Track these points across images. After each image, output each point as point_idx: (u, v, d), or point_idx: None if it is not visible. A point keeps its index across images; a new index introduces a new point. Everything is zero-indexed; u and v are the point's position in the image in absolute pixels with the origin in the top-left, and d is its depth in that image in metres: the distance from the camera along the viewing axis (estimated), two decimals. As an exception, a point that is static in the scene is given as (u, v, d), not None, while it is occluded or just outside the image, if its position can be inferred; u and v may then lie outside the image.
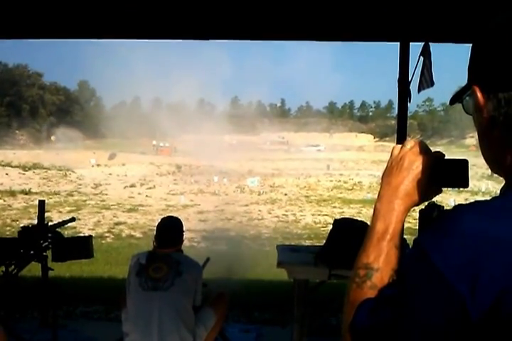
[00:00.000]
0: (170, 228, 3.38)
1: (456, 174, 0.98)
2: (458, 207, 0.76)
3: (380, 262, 0.90)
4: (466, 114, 0.88)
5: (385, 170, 0.99)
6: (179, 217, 3.67)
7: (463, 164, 0.98)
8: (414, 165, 0.95)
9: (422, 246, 0.74)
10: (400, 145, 1.01)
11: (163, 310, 2.99)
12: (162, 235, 3.30)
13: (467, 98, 0.86)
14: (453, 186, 1.00)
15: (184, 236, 3.52)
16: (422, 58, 3.15)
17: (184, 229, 3.56)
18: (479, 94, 0.79)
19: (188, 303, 3.10)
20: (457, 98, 0.89)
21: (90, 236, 4.50)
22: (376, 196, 1.00)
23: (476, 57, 0.81)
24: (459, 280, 0.69)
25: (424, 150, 0.97)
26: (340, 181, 35.00)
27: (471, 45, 0.85)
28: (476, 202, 0.76)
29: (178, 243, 3.34)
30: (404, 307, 0.74)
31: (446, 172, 0.96)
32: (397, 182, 0.95)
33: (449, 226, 0.73)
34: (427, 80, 3.11)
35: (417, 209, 1.31)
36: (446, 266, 0.70)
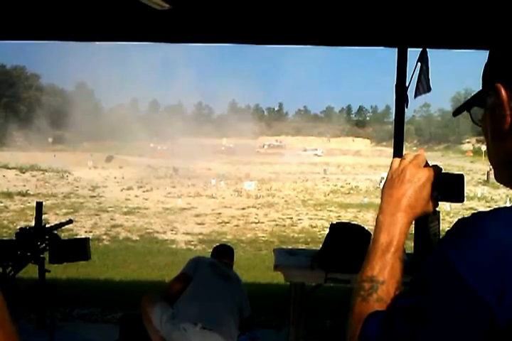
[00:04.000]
0: (227, 246, 4.24)
1: (453, 188, 1.00)
2: (479, 214, 0.75)
3: (385, 275, 0.89)
4: (474, 123, 0.90)
5: (386, 183, 0.99)
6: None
7: (459, 179, 1.00)
8: (416, 178, 0.96)
9: (446, 255, 0.74)
10: (399, 159, 1.01)
11: (229, 299, 3.42)
12: (221, 248, 4.02)
13: (475, 108, 0.88)
14: (449, 200, 1.02)
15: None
16: (419, 64, 3.18)
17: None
18: (503, 91, 0.80)
19: (239, 306, 3.48)
20: (464, 108, 0.90)
21: (87, 238, 4.50)
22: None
23: (502, 58, 0.82)
24: (485, 289, 0.68)
25: (424, 163, 0.98)
26: (337, 185, 35.04)
27: (485, 50, 0.86)
28: (498, 209, 0.76)
29: (232, 258, 3.94)
30: (428, 318, 0.73)
31: (442, 187, 0.98)
32: (400, 194, 0.96)
33: (472, 234, 0.73)
34: (423, 86, 3.14)
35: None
36: (472, 274, 0.70)
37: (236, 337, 3.40)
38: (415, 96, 3.22)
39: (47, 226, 4.24)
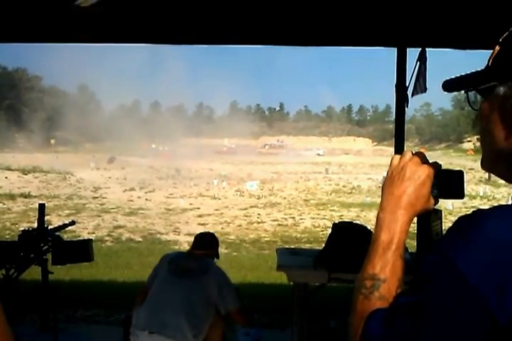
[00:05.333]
0: (206, 234, 3.94)
1: (452, 185, 1.00)
2: (479, 212, 0.76)
3: (386, 273, 0.89)
4: (470, 107, 0.89)
5: (386, 180, 0.99)
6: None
7: (458, 176, 1.00)
8: (416, 175, 0.95)
9: (445, 252, 0.74)
10: (399, 156, 1.01)
11: (180, 297, 3.21)
12: (198, 238, 3.73)
13: (472, 92, 0.87)
14: (449, 197, 1.01)
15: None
16: (418, 63, 3.18)
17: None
18: None
19: (202, 301, 3.26)
20: (461, 89, 0.89)
21: (90, 240, 4.50)
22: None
23: None
24: (485, 286, 0.68)
25: (424, 160, 0.98)
26: (339, 185, 35.01)
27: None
28: (498, 206, 0.77)
29: (210, 247, 3.65)
30: (428, 316, 0.73)
31: (442, 184, 0.98)
32: (400, 192, 0.95)
33: (472, 232, 0.73)
34: (421, 86, 3.14)
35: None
36: (472, 272, 0.70)
37: (198, 332, 3.24)
38: (412, 95, 3.21)
39: (50, 227, 4.25)
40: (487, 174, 40.75)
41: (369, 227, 3.47)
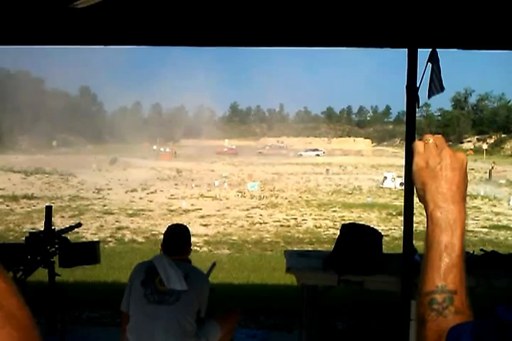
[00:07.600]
0: (177, 235, 3.27)
1: None
2: None
3: (456, 282, 0.79)
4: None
5: (423, 172, 0.87)
6: (182, 222, 3.63)
7: None
8: (460, 163, 0.87)
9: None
10: (421, 142, 0.90)
11: (166, 324, 2.94)
12: (169, 243, 3.21)
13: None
14: None
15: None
16: (429, 64, 3.18)
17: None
18: None
19: (191, 317, 3.01)
20: None
21: (97, 242, 4.51)
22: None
23: None
24: None
25: (445, 143, 0.90)
26: (339, 185, 34.97)
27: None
28: None
29: (185, 251, 3.25)
30: None
31: None
32: (450, 184, 0.84)
33: None
34: (436, 86, 3.13)
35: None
36: None
37: None
38: (428, 96, 3.20)
39: (56, 229, 4.25)
40: (487, 174, 40.70)
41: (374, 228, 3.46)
